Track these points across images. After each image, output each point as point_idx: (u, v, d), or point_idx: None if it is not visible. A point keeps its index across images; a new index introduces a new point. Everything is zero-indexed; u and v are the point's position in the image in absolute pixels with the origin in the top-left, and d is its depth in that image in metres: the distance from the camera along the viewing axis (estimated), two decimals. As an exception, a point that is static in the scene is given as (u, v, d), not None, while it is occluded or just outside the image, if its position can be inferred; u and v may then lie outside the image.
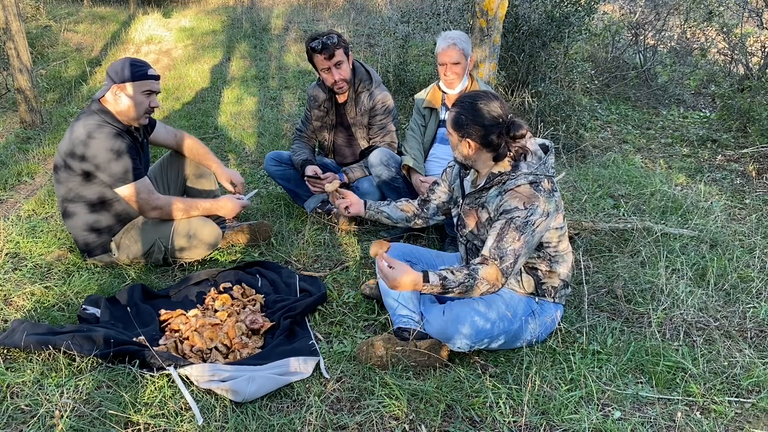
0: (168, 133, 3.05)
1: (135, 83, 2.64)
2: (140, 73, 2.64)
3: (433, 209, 2.53)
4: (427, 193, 2.55)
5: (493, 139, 2.08)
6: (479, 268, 1.99)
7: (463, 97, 2.17)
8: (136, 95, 2.65)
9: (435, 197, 2.51)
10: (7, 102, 5.55)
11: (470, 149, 2.13)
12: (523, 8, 5.44)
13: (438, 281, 1.96)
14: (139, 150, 2.78)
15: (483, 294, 2.01)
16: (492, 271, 1.98)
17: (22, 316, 2.40)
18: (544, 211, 2.05)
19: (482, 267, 1.99)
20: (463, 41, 3.14)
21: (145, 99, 2.68)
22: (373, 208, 2.58)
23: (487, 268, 1.99)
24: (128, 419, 1.85)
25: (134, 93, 2.65)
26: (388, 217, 2.57)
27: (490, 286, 1.98)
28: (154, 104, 2.72)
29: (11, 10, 4.64)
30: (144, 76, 2.66)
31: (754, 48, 6.07)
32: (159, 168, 3.13)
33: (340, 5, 9.81)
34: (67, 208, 2.71)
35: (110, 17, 8.65)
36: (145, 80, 2.66)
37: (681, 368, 2.15)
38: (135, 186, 2.66)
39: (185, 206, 2.80)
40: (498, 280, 1.99)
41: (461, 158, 2.21)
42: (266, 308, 2.54)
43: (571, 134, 5.04)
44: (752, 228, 3.24)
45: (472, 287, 1.97)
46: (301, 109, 5.65)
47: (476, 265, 2.00)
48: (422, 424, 1.89)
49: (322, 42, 3.11)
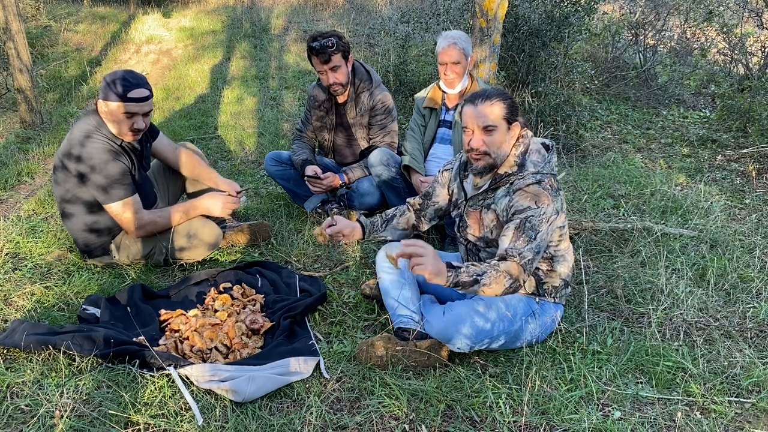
0: (169, 149, 3.02)
1: (114, 103, 2.53)
2: (119, 94, 2.51)
3: (431, 215, 2.50)
4: (423, 200, 2.49)
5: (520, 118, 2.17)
6: (500, 263, 1.96)
7: (482, 92, 2.14)
8: (116, 115, 2.55)
9: (433, 203, 2.47)
10: (7, 102, 5.55)
11: (514, 130, 2.14)
12: (523, 8, 5.44)
13: (461, 267, 1.92)
14: (135, 161, 2.71)
15: (506, 291, 1.96)
16: (514, 266, 1.96)
17: (22, 316, 2.40)
18: (553, 209, 2.05)
19: (503, 262, 1.97)
20: (464, 41, 3.14)
21: (126, 120, 2.55)
22: (372, 235, 2.50)
23: (509, 263, 1.96)
24: (128, 419, 1.85)
25: (114, 112, 2.55)
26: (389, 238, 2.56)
27: (512, 280, 1.95)
28: (137, 126, 2.58)
29: (11, 10, 4.64)
30: (123, 98, 2.51)
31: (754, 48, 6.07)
32: (159, 164, 3.12)
33: (340, 5, 9.81)
34: (65, 209, 2.70)
35: (110, 17, 8.65)
36: (125, 102, 2.52)
37: (681, 368, 2.15)
38: (122, 204, 2.61)
39: (167, 222, 2.73)
40: (520, 276, 1.97)
41: (495, 150, 2.12)
42: (266, 308, 2.54)
43: (571, 134, 5.04)
44: (752, 228, 3.24)
45: (494, 279, 1.92)
46: (301, 109, 5.65)
47: (496, 261, 1.99)
48: (422, 424, 1.89)
49: (320, 45, 3.11)
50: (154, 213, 2.73)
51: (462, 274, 1.92)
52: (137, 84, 2.55)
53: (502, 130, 2.11)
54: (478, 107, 2.11)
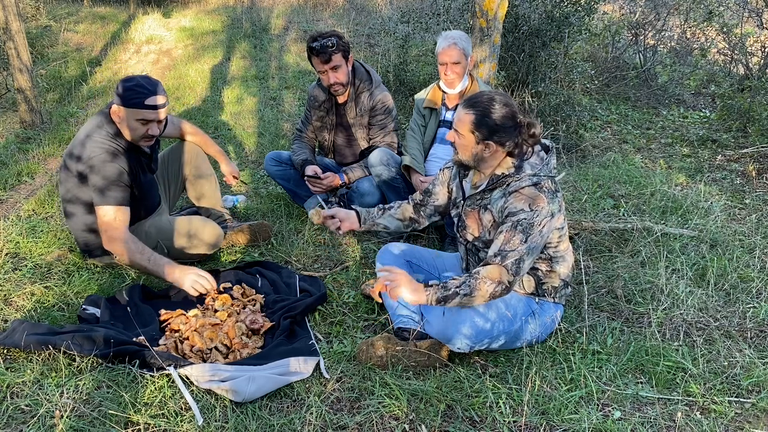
0: (173, 127, 3.04)
1: (129, 110, 2.50)
2: (135, 101, 2.49)
3: (430, 211, 2.51)
4: (423, 196, 2.50)
5: (513, 140, 2.08)
6: (480, 269, 1.99)
7: (476, 99, 2.12)
8: (130, 121, 2.53)
9: (432, 200, 2.48)
10: (7, 102, 5.54)
11: (487, 150, 2.10)
12: (523, 8, 5.44)
13: (438, 283, 1.98)
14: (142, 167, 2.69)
15: (492, 295, 1.99)
16: (494, 269, 1.98)
17: (22, 316, 2.40)
18: (548, 211, 2.05)
19: (483, 268, 2.00)
20: (464, 41, 3.14)
21: (141, 127, 2.54)
22: (368, 222, 2.51)
23: (489, 267, 1.99)
24: (128, 419, 1.85)
25: (128, 119, 2.53)
26: (385, 228, 2.55)
27: (495, 284, 1.97)
28: (152, 132, 2.57)
29: (11, 10, 4.64)
30: (138, 105, 2.49)
31: (754, 48, 6.07)
32: (160, 164, 3.09)
33: (340, 5, 9.81)
34: (66, 208, 2.71)
35: (110, 17, 8.65)
36: (140, 110, 2.49)
37: (681, 368, 2.15)
38: (115, 209, 2.52)
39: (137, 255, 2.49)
40: (502, 278, 1.98)
41: (470, 160, 2.16)
42: (266, 308, 2.54)
43: (571, 134, 5.04)
44: (752, 228, 3.24)
45: (474, 287, 1.97)
46: (301, 109, 5.64)
47: (478, 268, 2.01)
48: (422, 424, 1.89)
49: (321, 44, 3.10)
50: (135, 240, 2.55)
51: (441, 289, 1.98)
52: (154, 91, 2.52)
53: (469, 140, 2.11)
54: (459, 109, 2.15)
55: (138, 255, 2.49)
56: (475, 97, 2.13)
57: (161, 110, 2.56)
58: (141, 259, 2.49)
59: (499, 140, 2.08)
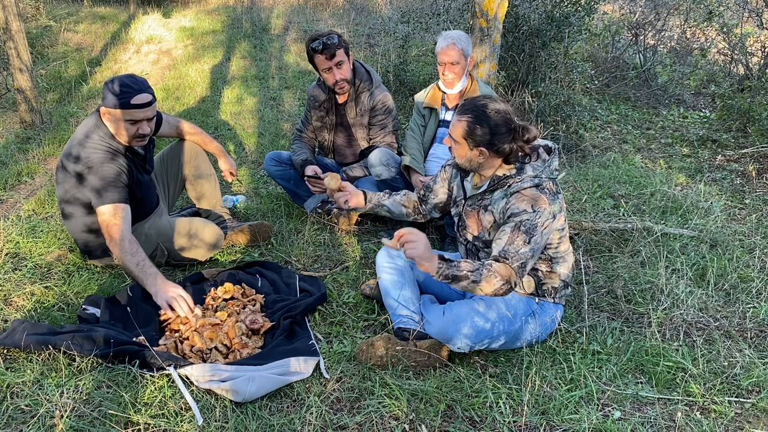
0: (171, 127, 3.03)
1: (116, 111, 2.47)
2: (122, 101, 2.45)
3: (430, 207, 2.52)
4: (424, 191, 2.52)
5: (507, 146, 2.08)
6: (493, 263, 2.00)
7: (469, 104, 2.12)
8: (119, 122, 2.50)
9: (432, 196, 2.49)
10: (7, 102, 5.54)
11: (481, 156, 2.11)
12: (523, 8, 5.45)
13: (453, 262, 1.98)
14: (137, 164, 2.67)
15: (496, 292, 1.99)
16: (505, 268, 1.98)
17: (22, 316, 2.40)
18: (550, 212, 2.05)
19: (496, 263, 2.00)
20: (463, 41, 3.13)
21: (131, 126, 2.51)
22: (374, 201, 2.54)
23: (501, 265, 1.99)
24: (128, 419, 1.85)
25: (117, 120, 2.50)
26: (388, 210, 2.56)
27: (503, 282, 1.97)
28: (143, 131, 2.53)
29: (11, 10, 4.64)
30: (125, 105, 2.45)
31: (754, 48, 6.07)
32: (159, 164, 3.11)
33: (340, 5, 9.81)
34: (64, 209, 2.69)
35: (110, 17, 8.65)
36: (127, 109, 2.46)
37: (681, 368, 2.15)
38: (113, 207, 2.49)
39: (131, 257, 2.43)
40: (511, 278, 1.98)
41: (466, 164, 2.17)
42: (266, 308, 2.54)
43: (571, 134, 5.04)
44: (752, 228, 3.24)
45: (483, 275, 1.96)
46: (301, 109, 5.65)
47: (490, 260, 2.01)
48: (422, 424, 1.89)
49: (323, 42, 3.11)
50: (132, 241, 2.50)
51: (454, 268, 1.97)
52: (139, 89, 2.49)
53: (463, 147, 2.12)
54: (454, 116, 2.16)
55: (129, 256, 2.43)
56: (469, 103, 2.13)
57: (149, 108, 2.52)
58: (129, 261, 2.43)
59: (493, 146, 2.08)
